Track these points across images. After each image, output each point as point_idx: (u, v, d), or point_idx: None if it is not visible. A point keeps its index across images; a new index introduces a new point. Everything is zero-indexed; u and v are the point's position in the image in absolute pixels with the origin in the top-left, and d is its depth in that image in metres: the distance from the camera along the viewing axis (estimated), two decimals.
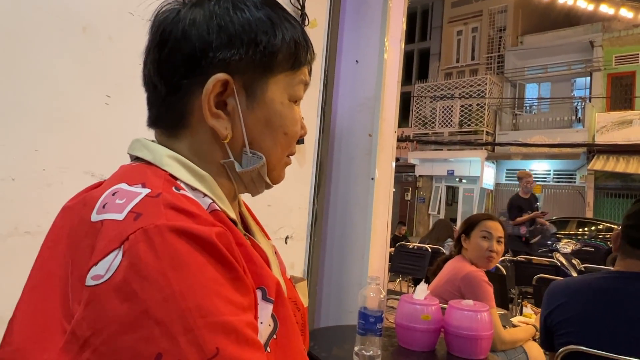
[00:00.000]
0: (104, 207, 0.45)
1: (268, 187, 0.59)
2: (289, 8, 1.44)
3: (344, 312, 1.89)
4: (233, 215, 0.53)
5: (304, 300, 0.68)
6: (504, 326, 1.89)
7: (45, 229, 0.49)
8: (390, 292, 4.79)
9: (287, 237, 1.68)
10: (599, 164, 11.74)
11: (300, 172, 1.75)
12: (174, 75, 0.51)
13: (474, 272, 1.84)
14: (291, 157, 0.60)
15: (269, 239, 0.67)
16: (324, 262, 1.92)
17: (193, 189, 0.50)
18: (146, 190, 0.45)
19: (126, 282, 0.38)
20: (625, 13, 6.39)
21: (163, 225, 0.40)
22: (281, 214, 1.65)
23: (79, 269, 0.42)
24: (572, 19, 13.14)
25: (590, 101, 13.01)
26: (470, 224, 2.01)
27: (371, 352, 1.24)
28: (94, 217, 0.44)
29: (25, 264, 1.04)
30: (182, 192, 0.48)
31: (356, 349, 1.26)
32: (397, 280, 5.58)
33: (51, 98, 1.06)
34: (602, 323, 1.25)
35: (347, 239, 1.90)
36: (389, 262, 2.42)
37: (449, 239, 5.25)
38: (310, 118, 1.74)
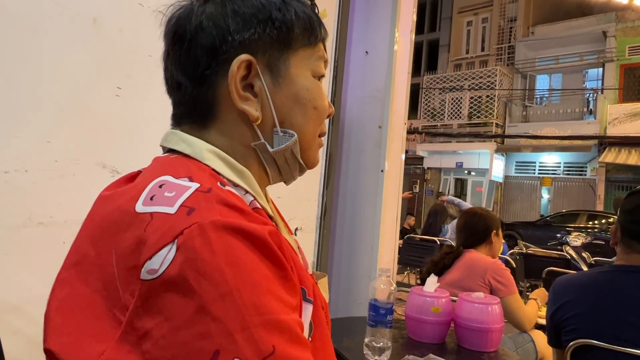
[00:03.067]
0: (151, 199, 0.44)
1: (302, 170, 0.59)
2: None
3: (353, 304, 1.89)
4: (271, 212, 0.53)
5: (325, 296, 0.67)
6: None
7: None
8: (398, 284, 4.79)
9: (296, 229, 1.68)
10: (611, 156, 11.60)
11: None
12: (197, 68, 0.51)
13: (497, 261, 2.00)
14: None
15: (291, 233, 0.67)
16: (333, 254, 1.92)
17: (235, 185, 0.50)
18: (195, 185, 0.44)
19: (183, 277, 0.38)
20: None
21: (218, 222, 0.40)
22: (291, 205, 1.65)
23: (124, 259, 0.41)
24: (584, 8, 12.92)
25: (602, 92, 12.82)
26: (497, 222, 2.16)
27: (381, 343, 1.24)
28: (140, 208, 0.43)
29: (39, 254, 1.05)
30: (227, 187, 0.47)
31: (366, 340, 1.26)
32: (405, 272, 5.58)
33: (62, 90, 1.07)
34: (609, 318, 1.25)
35: (356, 231, 1.90)
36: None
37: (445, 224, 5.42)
38: None
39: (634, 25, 12.45)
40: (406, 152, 2.30)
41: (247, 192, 0.51)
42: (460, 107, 14.41)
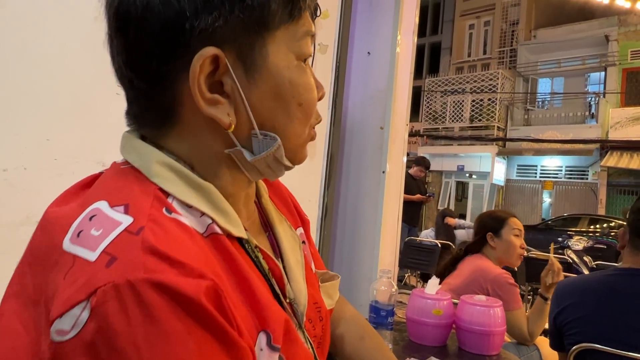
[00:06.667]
0: (78, 235, 0.38)
1: (288, 169, 0.50)
2: None
3: (354, 306, 1.87)
4: (239, 230, 0.45)
5: (329, 302, 0.61)
6: None
7: None
8: (399, 286, 4.78)
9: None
10: (613, 160, 11.57)
11: (310, 164, 1.74)
12: (149, 63, 0.42)
13: (502, 274, 1.84)
14: None
15: (296, 227, 0.60)
16: (334, 255, 1.91)
17: (188, 206, 0.42)
18: (127, 220, 0.37)
19: (94, 349, 0.32)
20: None
21: (139, 281, 0.33)
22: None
23: (47, 304, 0.36)
24: (586, 12, 12.92)
25: (604, 96, 12.80)
26: (498, 222, 1.97)
27: None
28: (67, 245, 0.38)
29: None
30: (174, 215, 0.40)
31: None
32: (406, 275, 5.56)
33: (62, 88, 1.06)
34: (614, 321, 1.23)
35: (357, 232, 1.89)
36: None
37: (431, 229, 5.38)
38: (321, 110, 1.73)
39: (636, 29, 12.44)
40: (408, 154, 2.28)
41: (203, 214, 0.43)
42: (462, 110, 14.41)
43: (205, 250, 0.40)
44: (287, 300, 0.49)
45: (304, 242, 0.61)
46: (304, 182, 1.73)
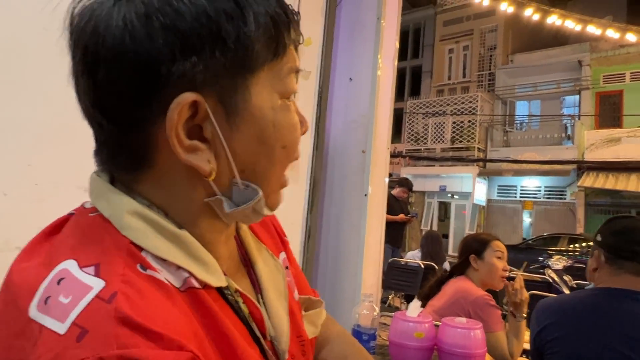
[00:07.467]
0: (46, 302, 0.34)
1: (266, 216, 0.47)
2: None
3: None
4: (217, 279, 0.43)
5: (313, 330, 0.59)
6: None
7: None
8: (382, 308, 4.76)
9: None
10: (589, 180, 11.88)
11: (294, 189, 1.75)
12: (121, 108, 0.38)
13: (483, 296, 1.85)
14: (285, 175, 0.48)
15: (278, 252, 0.59)
16: (317, 279, 1.91)
17: (163, 260, 0.39)
18: (99, 285, 0.34)
19: None
20: (612, 34, 6.54)
21: (111, 357, 0.30)
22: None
23: None
24: (560, 38, 13.42)
25: (579, 119, 13.22)
26: (481, 245, 2.00)
27: None
28: (33, 312, 0.34)
29: None
30: (149, 272, 0.37)
31: None
32: (390, 296, 5.55)
33: (44, 113, 1.06)
34: (593, 341, 1.25)
35: (340, 255, 1.89)
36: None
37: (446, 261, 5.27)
38: (304, 135, 1.76)
39: (607, 55, 12.96)
40: (390, 175, 2.30)
41: (179, 267, 0.40)
42: (443, 132, 14.67)
43: (184, 309, 0.38)
44: (268, 339, 0.48)
45: (287, 267, 0.59)
46: (287, 206, 1.74)
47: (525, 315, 1.85)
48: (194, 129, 0.40)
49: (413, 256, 5.45)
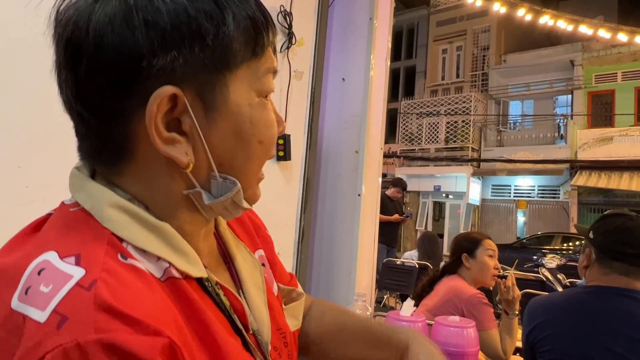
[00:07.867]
0: (26, 292, 0.35)
1: (245, 209, 0.48)
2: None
3: None
4: (198, 270, 0.44)
5: (294, 323, 0.60)
6: None
7: None
8: (377, 308, 4.76)
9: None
10: (582, 179, 11.96)
11: (287, 189, 1.75)
12: (102, 100, 0.39)
13: (476, 294, 1.87)
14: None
15: (254, 249, 0.60)
16: (310, 279, 1.91)
17: (144, 250, 0.40)
18: (79, 273, 0.35)
19: None
20: (603, 34, 6.60)
21: (89, 343, 0.31)
22: (268, 230, 1.64)
23: None
24: (552, 38, 13.52)
25: (572, 118, 13.31)
26: (472, 244, 2.02)
27: None
28: (15, 303, 0.35)
29: None
30: (129, 261, 0.38)
31: None
32: (385, 296, 5.56)
33: (35, 114, 1.05)
34: (583, 338, 1.26)
35: (334, 256, 1.90)
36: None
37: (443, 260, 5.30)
38: (297, 135, 1.75)
39: (599, 55, 13.06)
40: (385, 175, 2.31)
41: (159, 258, 0.41)
42: (437, 132, 14.72)
43: (163, 297, 0.38)
44: (251, 332, 0.48)
45: (263, 264, 0.60)
46: (280, 206, 1.74)
47: (517, 312, 1.86)
48: (172, 122, 0.41)
49: (410, 256, 5.47)
